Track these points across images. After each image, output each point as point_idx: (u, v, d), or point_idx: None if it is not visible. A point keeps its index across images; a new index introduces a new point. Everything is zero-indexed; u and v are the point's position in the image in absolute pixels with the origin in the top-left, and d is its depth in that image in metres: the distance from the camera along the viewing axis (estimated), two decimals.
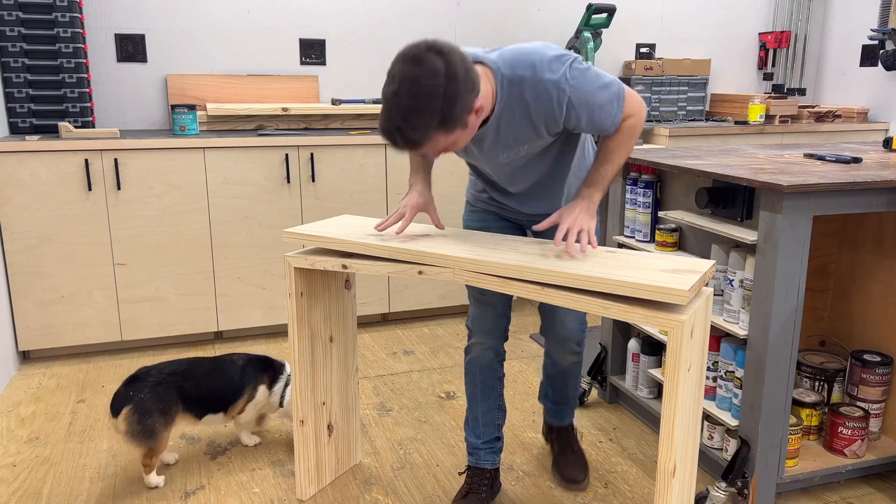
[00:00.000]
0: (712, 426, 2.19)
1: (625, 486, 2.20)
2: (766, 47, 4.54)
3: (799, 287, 1.89)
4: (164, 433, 2.10)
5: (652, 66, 4.17)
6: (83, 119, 3.19)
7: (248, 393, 2.29)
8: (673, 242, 2.32)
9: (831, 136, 4.15)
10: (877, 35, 4.03)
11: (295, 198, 3.28)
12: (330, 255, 1.85)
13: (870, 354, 2.27)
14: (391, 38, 3.87)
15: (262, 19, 3.64)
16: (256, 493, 2.15)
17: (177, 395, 2.14)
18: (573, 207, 1.72)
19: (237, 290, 3.27)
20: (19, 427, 2.55)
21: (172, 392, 2.13)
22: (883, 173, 1.97)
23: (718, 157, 2.34)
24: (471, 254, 1.68)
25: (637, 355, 2.53)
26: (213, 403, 2.23)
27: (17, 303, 2.99)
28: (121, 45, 3.46)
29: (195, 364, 2.24)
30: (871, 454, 2.18)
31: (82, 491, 2.16)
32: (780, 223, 1.83)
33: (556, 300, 1.55)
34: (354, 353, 2.24)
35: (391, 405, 2.73)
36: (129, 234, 3.08)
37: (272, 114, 3.48)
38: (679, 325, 1.41)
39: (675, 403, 1.45)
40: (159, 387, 2.11)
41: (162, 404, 2.10)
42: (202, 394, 2.20)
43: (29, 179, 2.91)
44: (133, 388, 2.09)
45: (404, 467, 2.30)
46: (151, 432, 2.07)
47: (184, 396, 2.16)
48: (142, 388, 2.09)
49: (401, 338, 3.43)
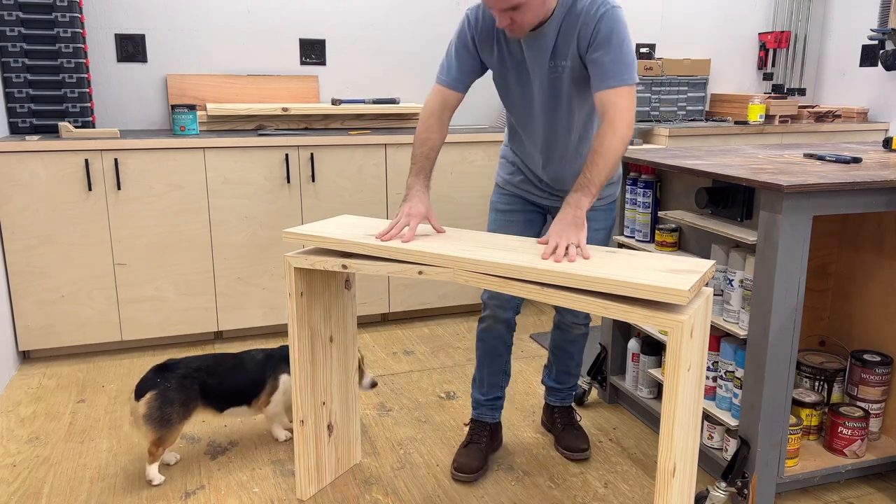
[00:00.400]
0: (712, 426, 2.19)
1: (625, 486, 2.20)
2: (766, 47, 4.54)
3: (799, 287, 1.89)
4: (178, 425, 2.15)
5: (652, 66, 4.17)
6: (83, 119, 3.20)
7: (269, 385, 2.33)
8: (673, 242, 2.32)
9: (831, 136, 4.15)
10: (877, 35, 4.03)
11: (295, 198, 3.28)
12: (330, 255, 1.85)
13: (870, 354, 2.27)
14: (391, 38, 3.87)
15: (262, 19, 3.64)
16: (256, 493, 2.15)
17: (199, 391, 2.20)
18: (560, 221, 1.74)
19: (237, 290, 3.27)
20: (19, 427, 2.55)
21: (196, 388, 2.19)
22: (883, 173, 1.98)
23: (718, 157, 2.34)
24: (471, 254, 1.68)
25: (637, 355, 2.53)
26: (234, 397, 2.29)
27: (17, 303, 3.00)
28: (121, 45, 3.46)
29: (219, 360, 2.30)
30: (871, 454, 2.18)
31: (82, 491, 2.16)
32: (780, 223, 1.83)
33: (556, 300, 1.55)
34: (354, 354, 2.24)
35: (391, 405, 2.73)
36: (129, 234, 3.08)
37: (272, 114, 3.48)
38: (679, 325, 1.41)
39: (675, 403, 1.45)
40: (185, 380, 2.18)
41: (184, 396, 2.16)
42: (224, 389, 2.26)
43: (29, 179, 2.91)
44: (161, 376, 2.15)
45: (404, 467, 2.30)
46: (168, 421, 2.11)
47: (206, 392, 2.22)
48: (169, 378, 2.15)
49: (401, 338, 3.43)
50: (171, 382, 2.14)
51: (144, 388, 2.12)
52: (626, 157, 2.44)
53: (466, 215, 3.55)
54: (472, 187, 3.54)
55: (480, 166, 3.53)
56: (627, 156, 2.44)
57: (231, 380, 2.28)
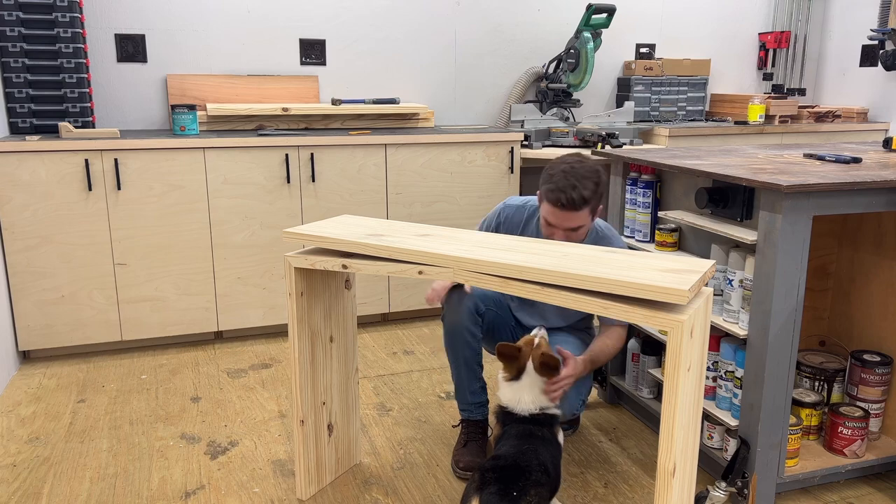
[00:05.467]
0: (712, 426, 2.19)
1: (625, 486, 2.20)
2: (766, 47, 4.54)
3: (799, 287, 1.89)
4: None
5: (652, 67, 4.17)
6: (83, 119, 3.19)
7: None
8: (673, 242, 2.32)
9: (831, 136, 4.15)
10: (877, 35, 4.03)
11: (295, 198, 3.28)
12: (330, 255, 1.85)
13: (870, 354, 2.27)
14: (391, 38, 3.87)
15: (262, 19, 3.64)
16: (256, 493, 2.15)
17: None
18: (577, 369, 1.99)
19: (237, 290, 3.27)
20: (19, 427, 2.55)
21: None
22: (883, 173, 1.98)
23: (718, 157, 2.34)
24: (471, 254, 1.68)
25: (637, 355, 2.53)
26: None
27: (17, 303, 3.00)
28: (121, 45, 3.46)
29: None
30: (871, 454, 2.18)
31: (82, 491, 2.16)
32: (780, 223, 1.83)
33: (556, 300, 1.55)
34: (354, 353, 2.24)
35: (391, 405, 2.73)
36: (129, 234, 3.08)
37: (272, 114, 3.48)
38: (679, 325, 1.41)
39: (675, 403, 1.45)
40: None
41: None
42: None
43: (29, 179, 2.91)
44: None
45: (404, 467, 2.30)
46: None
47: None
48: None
49: (401, 338, 3.43)
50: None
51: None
52: (626, 157, 2.44)
53: (466, 215, 3.55)
54: (471, 187, 3.54)
55: (480, 166, 3.53)
56: (628, 156, 2.44)
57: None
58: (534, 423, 1.86)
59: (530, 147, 3.67)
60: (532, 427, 1.85)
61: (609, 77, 4.32)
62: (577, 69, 3.81)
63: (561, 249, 1.73)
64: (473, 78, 4.07)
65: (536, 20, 4.11)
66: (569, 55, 3.84)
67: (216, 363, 3.11)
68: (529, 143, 3.69)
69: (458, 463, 2.25)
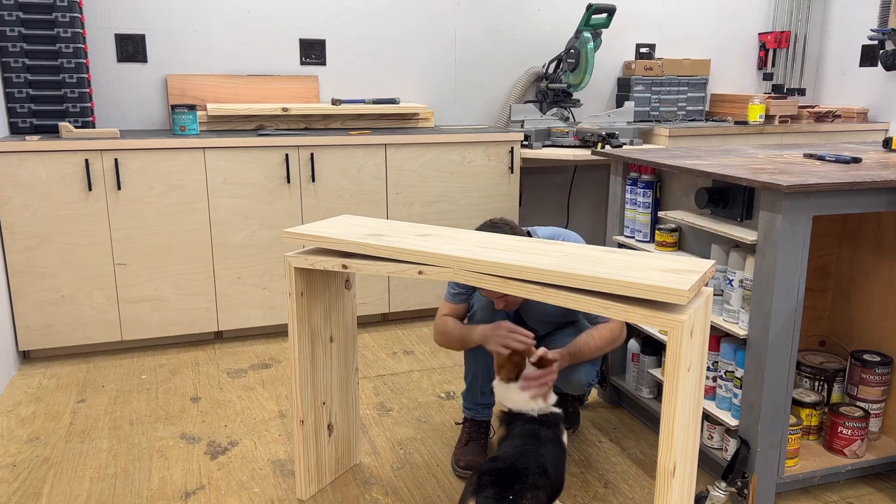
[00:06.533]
0: (712, 426, 2.19)
1: (625, 486, 2.20)
2: (766, 47, 4.54)
3: (799, 287, 1.89)
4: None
5: (652, 66, 4.17)
6: (83, 119, 3.19)
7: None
8: (673, 242, 2.32)
9: (831, 136, 4.15)
10: (877, 35, 4.03)
11: (295, 198, 3.28)
12: (330, 255, 1.85)
13: (870, 354, 2.27)
14: (391, 38, 3.87)
15: (262, 19, 3.64)
16: (256, 493, 2.15)
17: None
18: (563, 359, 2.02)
19: (237, 290, 3.27)
20: (19, 427, 2.55)
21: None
22: (883, 173, 1.98)
23: (718, 157, 2.34)
24: (471, 254, 1.68)
25: (637, 355, 2.53)
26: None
27: (17, 303, 3.00)
28: (121, 45, 3.46)
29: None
30: (871, 454, 2.18)
31: (82, 491, 2.16)
32: (780, 223, 1.83)
33: (556, 300, 1.55)
34: (354, 353, 2.24)
35: (391, 405, 2.73)
36: (129, 234, 3.08)
37: (272, 114, 3.48)
38: (679, 325, 1.41)
39: (675, 403, 1.45)
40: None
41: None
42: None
43: (29, 179, 2.91)
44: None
45: (404, 467, 2.30)
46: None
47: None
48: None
49: (401, 338, 3.43)
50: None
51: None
52: (626, 157, 2.44)
53: (466, 215, 3.55)
54: (471, 187, 3.54)
55: (480, 166, 3.53)
56: (628, 156, 2.44)
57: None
58: (540, 423, 1.88)
59: (530, 147, 3.67)
60: (537, 427, 1.86)
61: (609, 77, 4.32)
62: (577, 69, 3.81)
63: (561, 249, 1.73)
64: (473, 78, 4.07)
65: (536, 20, 4.11)
66: (569, 55, 3.84)
67: (216, 363, 3.11)
68: (529, 143, 3.69)
69: (458, 462, 2.25)
